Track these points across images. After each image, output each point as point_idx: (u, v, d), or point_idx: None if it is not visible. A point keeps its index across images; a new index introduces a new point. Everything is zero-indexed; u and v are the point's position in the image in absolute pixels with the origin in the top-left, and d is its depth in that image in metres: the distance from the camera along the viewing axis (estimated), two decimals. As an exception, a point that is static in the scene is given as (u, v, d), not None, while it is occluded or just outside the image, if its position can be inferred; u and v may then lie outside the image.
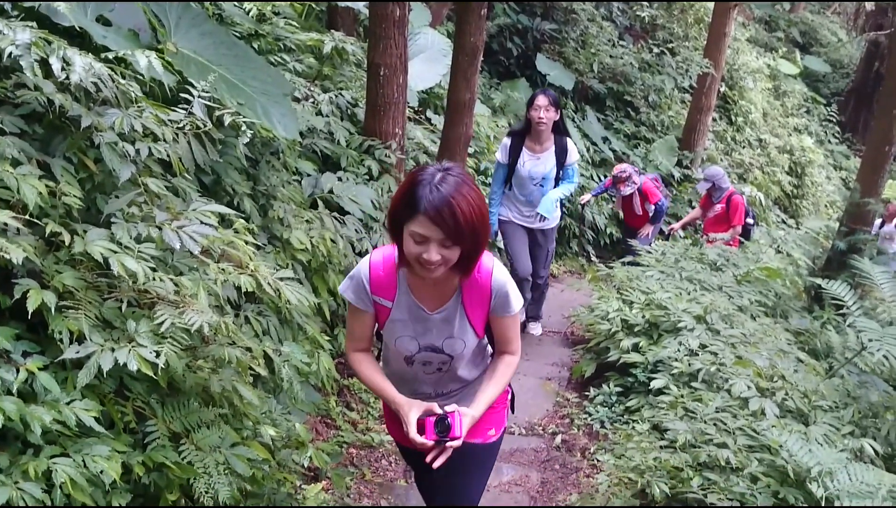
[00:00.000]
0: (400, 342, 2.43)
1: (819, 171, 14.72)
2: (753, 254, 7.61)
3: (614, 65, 11.48)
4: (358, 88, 6.40)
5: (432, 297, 2.37)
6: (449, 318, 2.38)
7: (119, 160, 2.54)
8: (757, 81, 14.16)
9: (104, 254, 2.28)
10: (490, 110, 9.61)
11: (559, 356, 6.22)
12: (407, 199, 2.11)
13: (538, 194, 5.65)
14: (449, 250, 2.12)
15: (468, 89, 5.71)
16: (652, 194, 8.00)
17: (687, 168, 11.12)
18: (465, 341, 2.42)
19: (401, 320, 2.39)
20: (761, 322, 5.85)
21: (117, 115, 2.61)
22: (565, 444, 4.85)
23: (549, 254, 6.11)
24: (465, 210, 2.07)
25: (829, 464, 3.12)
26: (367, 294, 2.37)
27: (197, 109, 2.86)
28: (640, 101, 11.60)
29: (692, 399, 4.21)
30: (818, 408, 4.09)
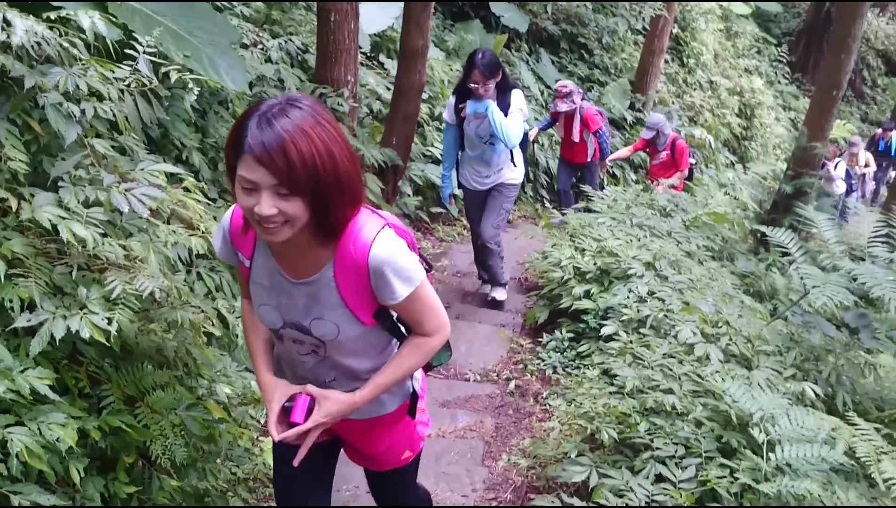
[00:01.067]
0: (263, 311, 2.00)
1: (768, 112, 14.94)
2: (702, 199, 7.76)
3: (568, 6, 11.41)
4: (308, 32, 6.28)
5: (297, 262, 1.91)
6: (316, 294, 1.92)
7: (64, 121, 2.48)
8: (709, 22, 14.21)
9: (53, 221, 2.25)
10: (444, 53, 9.51)
11: (513, 302, 6.31)
12: (235, 135, 1.68)
13: (492, 152, 5.39)
14: (288, 202, 1.67)
15: (421, 36, 5.64)
16: (593, 120, 7.85)
17: (639, 111, 11.19)
18: (338, 326, 1.94)
19: (261, 284, 1.98)
20: (708, 267, 6.02)
21: (61, 74, 2.53)
22: (519, 389, 4.96)
23: (501, 210, 5.61)
24: (304, 149, 1.62)
25: (770, 409, 3.25)
26: (228, 246, 2.01)
27: (142, 66, 2.79)
28: (593, 43, 11.59)
29: (640, 345, 4.33)
30: (761, 353, 4.24)
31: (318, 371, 2.07)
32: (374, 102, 6.57)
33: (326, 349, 2.00)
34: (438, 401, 4.77)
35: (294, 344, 2.03)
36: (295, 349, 2.04)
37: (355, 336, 1.97)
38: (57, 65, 2.61)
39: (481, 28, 10.54)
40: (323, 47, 5.44)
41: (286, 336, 2.02)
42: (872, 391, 4.34)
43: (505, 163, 5.45)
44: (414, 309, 1.97)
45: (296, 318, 1.95)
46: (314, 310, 1.92)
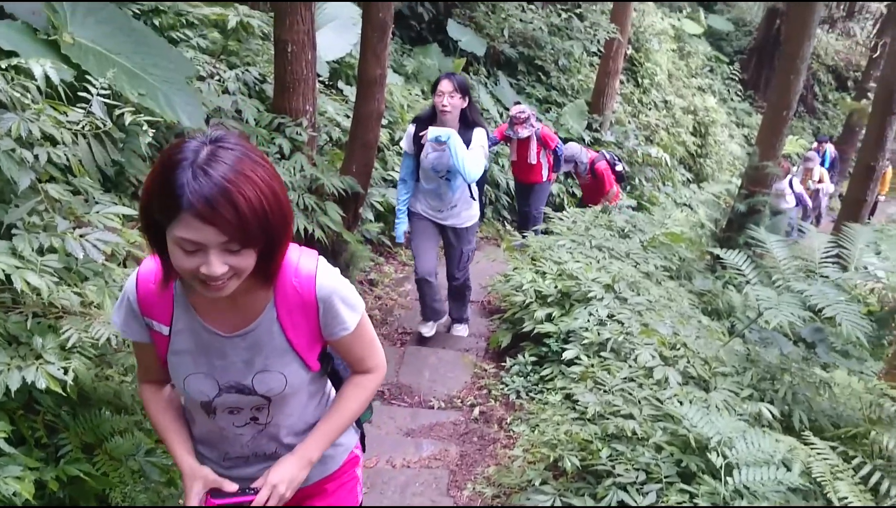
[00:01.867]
0: (191, 382, 1.72)
1: (722, 130, 15.25)
2: (659, 218, 7.89)
3: (524, 29, 11.56)
4: (265, 62, 6.28)
5: (231, 313, 1.69)
6: (257, 343, 1.71)
7: (17, 168, 2.47)
8: (662, 42, 14.49)
9: (6, 270, 2.23)
10: (402, 78, 9.57)
11: (476, 326, 6.35)
12: (162, 191, 1.45)
13: (447, 188, 5.08)
14: (238, 255, 1.51)
15: (379, 65, 5.67)
16: (550, 138, 7.81)
17: (597, 131, 11.35)
18: (285, 376, 1.75)
19: (186, 350, 1.71)
20: (666, 287, 6.12)
21: (14, 120, 2.52)
22: (483, 416, 4.99)
23: (463, 254, 5.44)
24: (252, 197, 1.44)
25: (727, 433, 3.32)
26: (136, 318, 1.72)
27: (96, 108, 2.78)
28: (550, 65, 11.74)
29: (601, 369, 4.39)
30: (718, 374, 4.32)
31: (257, 445, 1.84)
32: (334, 130, 6.58)
33: (270, 410, 1.79)
34: (403, 430, 4.77)
35: (230, 416, 1.78)
36: (230, 422, 1.79)
37: (300, 386, 1.80)
38: (9, 110, 2.60)
39: (439, 52, 10.63)
40: (280, 78, 5.44)
41: (221, 407, 1.76)
42: (828, 409, 4.43)
43: (461, 200, 5.19)
44: (359, 342, 1.85)
45: (234, 378, 1.72)
46: (256, 363, 1.72)
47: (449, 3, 11.11)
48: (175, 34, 5.41)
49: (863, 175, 8.17)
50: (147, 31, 4.06)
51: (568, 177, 9.78)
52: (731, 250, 5.18)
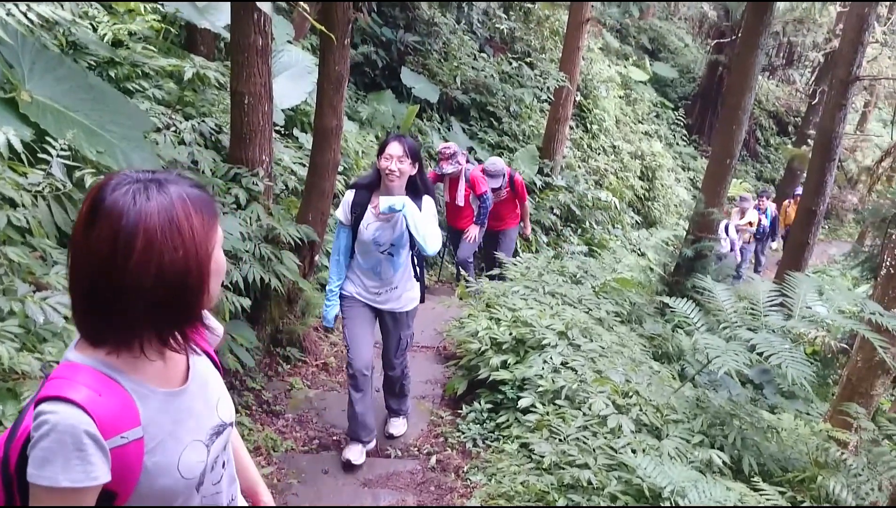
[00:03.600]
0: (186, 459, 1.55)
1: (668, 174, 15.68)
2: (610, 263, 8.07)
3: (476, 77, 11.81)
4: (221, 112, 6.32)
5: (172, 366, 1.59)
6: (201, 376, 1.66)
7: (-25, 231, 2.47)
8: (609, 89, 14.91)
9: (-36, 338, 2.22)
10: (357, 124, 9.67)
11: (432, 372, 6.38)
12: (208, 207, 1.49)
13: (388, 266, 4.42)
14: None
15: (335, 116, 5.75)
16: (479, 184, 7.56)
17: (548, 176, 11.59)
18: (225, 389, 1.76)
19: (166, 435, 1.52)
20: (618, 332, 6.26)
21: (-29, 183, 2.53)
22: (440, 464, 5.00)
23: (401, 341, 4.77)
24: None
25: (680, 482, 3.42)
26: (100, 451, 1.39)
27: (56, 170, 2.80)
28: (502, 111, 11.99)
29: (556, 417, 4.47)
30: (670, 421, 4.44)
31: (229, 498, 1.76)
32: (290, 178, 6.62)
33: (228, 440, 1.74)
34: (359, 480, 4.76)
35: (210, 474, 1.65)
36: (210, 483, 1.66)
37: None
38: (-32, 173, 2.61)
39: (393, 98, 10.78)
40: (237, 129, 5.47)
41: (209, 467, 1.64)
42: (776, 453, 4.57)
43: (402, 280, 4.53)
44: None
45: (209, 424, 1.63)
46: (211, 395, 1.66)
47: (402, 51, 11.30)
48: (131, 85, 5.42)
49: (805, 219, 8.50)
50: (105, 87, 4.09)
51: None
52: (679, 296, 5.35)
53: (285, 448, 4.85)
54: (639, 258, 9.56)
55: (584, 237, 11.46)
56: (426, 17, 11.82)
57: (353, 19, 5.68)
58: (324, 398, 5.61)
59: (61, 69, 3.73)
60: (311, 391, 5.64)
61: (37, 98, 3.43)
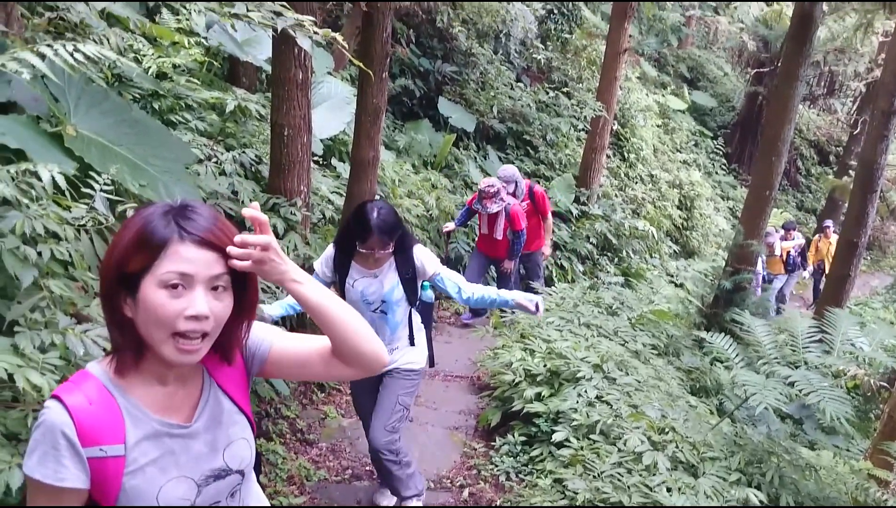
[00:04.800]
0: (168, 492, 1.53)
1: (707, 203, 15.53)
2: (646, 294, 8.00)
3: (513, 106, 11.87)
4: (261, 142, 6.43)
5: (178, 403, 1.58)
6: (214, 419, 1.62)
7: (21, 265, 2.54)
8: (647, 118, 14.87)
9: (9, 370, 2.28)
10: (394, 153, 9.77)
11: (465, 403, 6.36)
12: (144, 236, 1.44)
13: (382, 324, 3.88)
14: (220, 300, 1.49)
15: (372, 148, 5.84)
16: (519, 219, 7.41)
17: (584, 204, 11.56)
18: (248, 440, 1.68)
19: (150, 462, 1.51)
20: (654, 365, 6.18)
21: (18, 217, 2.60)
22: (472, 497, 4.97)
23: (396, 407, 3.96)
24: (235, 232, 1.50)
25: (715, 522, 3.36)
26: (75, 455, 1.44)
27: (99, 204, 2.87)
28: (538, 140, 12.01)
29: (591, 452, 4.42)
30: (707, 459, 4.36)
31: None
32: (327, 208, 6.70)
33: (241, 489, 1.70)
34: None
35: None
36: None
37: (253, 455, 1.72)
38: (14, 208, 2.68)
39: (430, 127, 10.88)
40: (276, 160, 5.58)
41: (200, 503, 1.60)
42: (815, 491, 4.46)
43: (399, 340, 3.99)
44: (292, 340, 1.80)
45: (208, 466, 1.60)
46: (220, 439, 1.62)
47: (440, 81, 11.42)
48: (174, 117, 5.56)
49: (846, 251, 8.34)
50: (148, 121, 4.19)
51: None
52: (718, 329, 5.29)
53: (318, 478, 4.86)
54: (676, 289, 9.46)
55: (620, 267, 11.37)
56: (464, 48, 11.93)
57: (390, 53, 5.76)
58: (357, 427, 5.60)
59: (106, 103, 3.84)
60: (344, 420, 5.65)
61: (82, 132, 3.53)
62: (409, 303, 3.90)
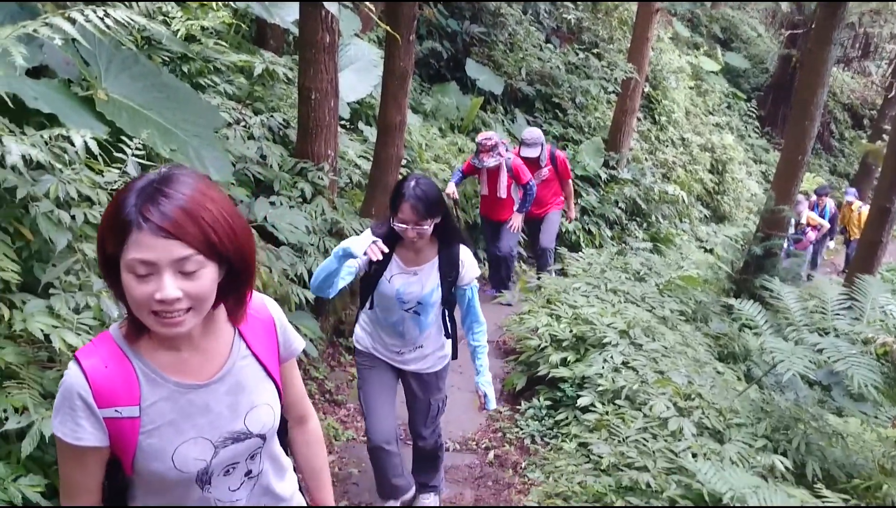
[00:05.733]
0: (183, 453, 1.55)
1: (739, 167, 15.29)
2: (675, 260, 7.94)
3: (542, 68, 11.71)
4: (289, 107, 6.42)
5: (198, 363, 1.59)
6: (238, 382, 1.63)
7: (55, 229, 2.58)
8: (679, 80, 14.61)
9: (45, 330, 2.33)
10: (421, 117, 9.72)
11: (491, 367, 6.33)
12: (113, 219, 1.40)
13: (414, 325, 3.58)
14: (193, 280, 1.42)
15: (399, 112, 5.81)
16: (523, 173, 7.01)
17: (613, 169, 11.44)
18: (271, 406, 1.69)
19: (165, 423, 1.54)
20: (682, 331, 6.16)
21: (52, 182, 2.64)
22: (498, 459, 5.02)
23: (431, 407, 3.86)
24: (214, 210, 1.41)
25: (740, 488, 3.36)
26: (91, 415, 1.49)
27: (131, 168, 2.90)
28: (567, 103, 11.87)
29: (616, 417, 4.44)
30: (733, 425, 4.36)
31: (256, 500, 1.73)
32: (354, 172, 6.70)
33: (262, 453, 1.71)
34: (418, 473, 4.82)
35: (225, 479, 1.65)
36: (226, 486, 1.66)
37: (278, 422, 1.74)
38: (48, 172, 2.72)
39: (457, 90, 10.79)
40: (304, 124, 5.58)
41: (218, 469, 1.62)
42: (841, 458, 4.45)
43: (430, 340, 3.69)
44: (298, 375, 1.88)
45: (227, 428, 1.61)
46: (243, 403, 1.63)
47: (467, 43, 11.29)
48: (203, 80, 5.57)
49: (878, 217, 8.18)
50: (178, 85, 4.21)
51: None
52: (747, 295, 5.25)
53: (346, 438, 4.94)
54: (706, 255, 9.38)
55: (649, 232, 11.28)
56: (492, 8, 11.77)
57: (418, 15, 5.71)
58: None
59: (136, 67, 3.86)
60: (372, 383, 5.71)
61: (113, 97, 3.56)
62: (443, 304, 3.59)
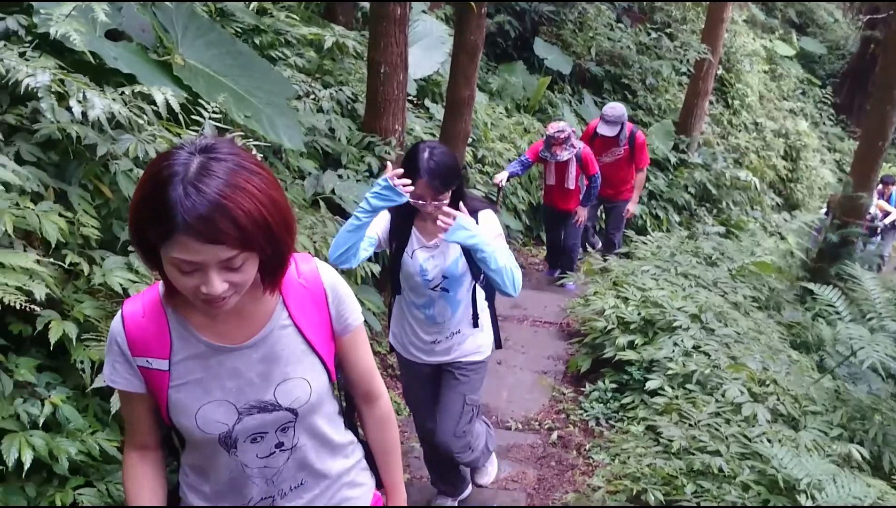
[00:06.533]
0: (206, 413, 1.55)
1: (813, 155, 14.80)
2: (748, 246, 7.71)
3: (612, 48, 11.49)
4: (357, 80, 6.42)
5: (235, 325, 1.56)
6: (273, 350, 1.58)
7: (134, 187, 2.60)
8: (753, 63, 14.17)
9: (123, 285, 2.35)
10: (487, 96, 9.63)
11: (554, 349, 6.32)
12: (153, 210, 1.33)
13: (444, 304, 3.25)
14: (239, 271, 1.40)
15: (468, 87, 5.75)
16: (592, 163, 6.75)
17: (683, 152, 11.17)
18: (309, 381, 1.61)
19: (193, 380, 1.54)
20: (755, 318, 5.98)
21: (131, 141, 2.66)
22: (561, 440, 4.96)
23: (466, 406, 3.41)
24: (250, 208, 1.34)
25: (817, 475, 3.24)
26: (126, 362, 1.54)
27: (208, 132, 2.91)
28: (637, 84, 11.62)
29: (686, 401, 4.32)
30: (808, 413, 4.21)
31: (285, 478, 1.67)
32: (421, 148, 6.66)
33: (296, 427, 1.63)
34: (481, 450, 4.79)
35: (252, 445, 1.60)
36: (253, 453, 1.61)
37: (325, 394, 1.67)
38: (127, 131, 2.74)
39: (524, 70, 10.66)
40: (372, 98, 5.56)
41: (242, 435, 1.59)
42: (920, 450, 4.27)
43: (461, 323, 3.33)
44: (365, 350, 1.76)
45: (254, 396, 1.57)
46: (275, 374, 1.58)
47: (536, 21, 11.13)
48: (274, 53, 5.59)
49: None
50: (251, 54, 4.22)
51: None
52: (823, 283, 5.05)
53: (408, 412, 4.93)
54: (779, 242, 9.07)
55: (719, 218, 10.99)
56: (562, -13, 11.59)
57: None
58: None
59: (212, 35, 3.88)
60: (434, 359, 5.69)
61: (189, 62, 3.58)
62: (473, 277, 3.24)
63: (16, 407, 2.19)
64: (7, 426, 2.14)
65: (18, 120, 2.59)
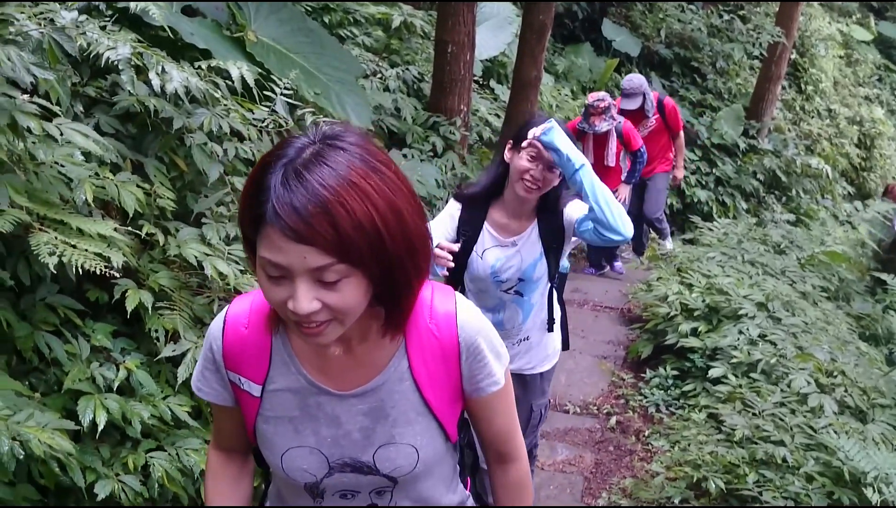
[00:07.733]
0: (292, 459, 1.33)
1: (889, 143, 14.26)
2: (818, 235, 7.51)
3: (682, 30, 11.24)
4: (424, 60, 6.44)
5: (344, 368, 1.31)
6: (381, 406, 1.32)
7: (208, 160, 2.67)
8: (829, 48, 13.70)
9: (198, 257, 2.43)
10: (553, 78, 9.54)
11: (615, 334, 6.27)
12: (250, 197, 1.11)
13: (516, 309, 2.95)
14: (335, 291, 1.12)
15: (535, 67, 5.72)
16: (635, 138, 6.23)
17: (753, 138, 10.88)
18: (417, 449, 1.34)
19: (284, 417, 1.33)
20: (823, 308, 5.83)
21: (206, 115, 2.73)
22: (620, 425, 4.93)
23: (533, 414, 3.19)
24: (358, 210, 1.06)
25: (885, 469, 3.16)
26: (218, 372, 1.35)
27: (279, 108, 2.97)
28: (707, 67, 11.37)
29: (750, 391, 4.25)
30: (877, 406, 4.10)
31: None
32: (485, 129, 6.66)
33: (394, 492, 1.38)
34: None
35: (342, 500, 1.38)
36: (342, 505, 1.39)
37: (434, 462, 1.39)
38: (202, 106, 2.82)
39: (591, 51, 10.53)
40: (438, 78, 5.58)
41: (331, 490, 1.37)
42: None
43: (536, 328, 3.03)
44: (505, 407, 1.44)
45: (349, 454, 1.33)
46: (379, 433, 1.32)
47: (604, 2, 10.96)
48: (342, 32, 5.65)
49: None
50: (322, 32, 4.28)
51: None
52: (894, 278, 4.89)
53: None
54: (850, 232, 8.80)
55: (788, 206, 10.69)
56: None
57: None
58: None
59: (284, 12, 3.94)
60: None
61: (261, 39, 3.65)
62: (549, 279, 2.94)
63: (92, 370, 2.28)
64: (83, 388, 2.23)
65: (98, 92, 2.68)
